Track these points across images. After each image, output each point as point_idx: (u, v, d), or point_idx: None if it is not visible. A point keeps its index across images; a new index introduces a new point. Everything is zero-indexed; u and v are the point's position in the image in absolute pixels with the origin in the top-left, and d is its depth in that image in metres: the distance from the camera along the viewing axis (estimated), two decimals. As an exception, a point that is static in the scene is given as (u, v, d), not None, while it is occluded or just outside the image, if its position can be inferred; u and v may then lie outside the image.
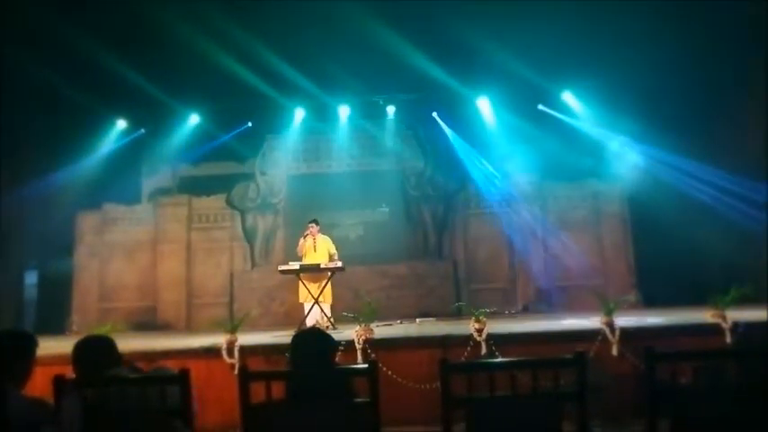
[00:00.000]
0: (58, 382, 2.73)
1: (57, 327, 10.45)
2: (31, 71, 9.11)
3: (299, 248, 8.65)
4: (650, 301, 10.00)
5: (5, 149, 9.64)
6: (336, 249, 8.72)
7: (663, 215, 9.83)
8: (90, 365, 2.93)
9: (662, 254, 10.07)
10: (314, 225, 8.67)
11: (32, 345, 2.92)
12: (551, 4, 8.69)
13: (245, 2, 9.03)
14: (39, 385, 3.04)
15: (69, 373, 2.92)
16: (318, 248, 8.57)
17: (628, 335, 5.54)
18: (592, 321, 5.82)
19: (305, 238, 8.60)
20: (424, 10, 9.05)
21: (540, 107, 11.51)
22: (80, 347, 3.01)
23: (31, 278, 11.43)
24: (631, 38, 9.15)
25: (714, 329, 5.51)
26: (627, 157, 10.87)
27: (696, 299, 7.77)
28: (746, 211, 9.23)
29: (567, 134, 11.22)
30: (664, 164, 10.24)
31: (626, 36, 9.16)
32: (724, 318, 5.52)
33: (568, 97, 11.36)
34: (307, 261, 8.50)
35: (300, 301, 8.54)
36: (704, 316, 5.76)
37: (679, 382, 2.64)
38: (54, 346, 5.34)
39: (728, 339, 5.36)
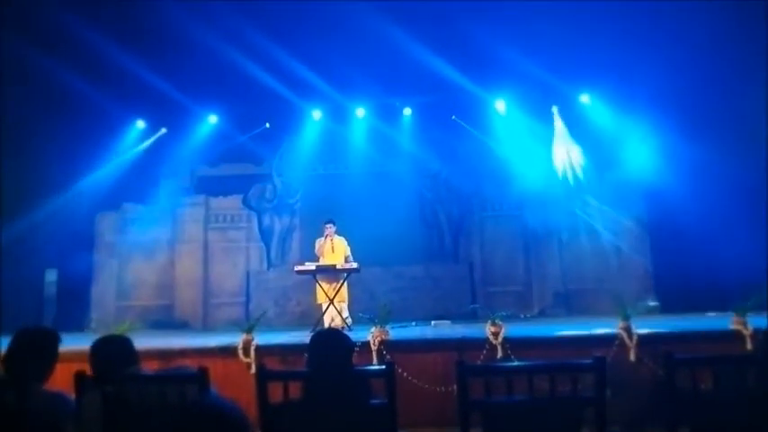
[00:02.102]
0: (79, 378, 2.76)
1: (76, 324, 10.58)
2: (51, 73, 9.24)
3: (317, 249, 8.68)
4: (667, 306, 9.89)
5: (27, 150, 9.79)
6: (351, 251, 8.76)
7: (681, 219, 9.72)
8: (106, 365, 2.96)
9: (680, 259, 9.95)
10: (331, 225, 8.70)
11: (55, 342, 2.97)
12: (570, 6, 8.64)
13: (263, 5, 9.08)
14: (59, 381, 3.08)
15: (89, 369, 2.95)
16: (336, 249, 8.61)
17: (645, 340, 5.48)
18: (609, 326, 5.76)
19: (325, 238, 8.63)
20: (441, 12, 9.05)
21: (554, 110, 11.42)
22: (97, 347, 3.05)
23: (51, 276, 11.58)
24: (652, 41, 9.09)
25: (734, 336, 5.42)
26: (645, 160, 10.75)
27: (714, 305, 7.70)
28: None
29: (583, 137, 11.15)
30: (683, 167, 10.11)
31: (646, 39, 9.10)
32: (744, 324, 5.44)
33: (586, 100, 11.27)
34: (325, 261, 8.52)
35: (318, 301, 8.55)
36: (724, 322, 5.69)
37: (699, 388, 2.61)
38: (73, 343, 5.39)
39: (749, 346, 5.28)
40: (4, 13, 8.54)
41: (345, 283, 8.46)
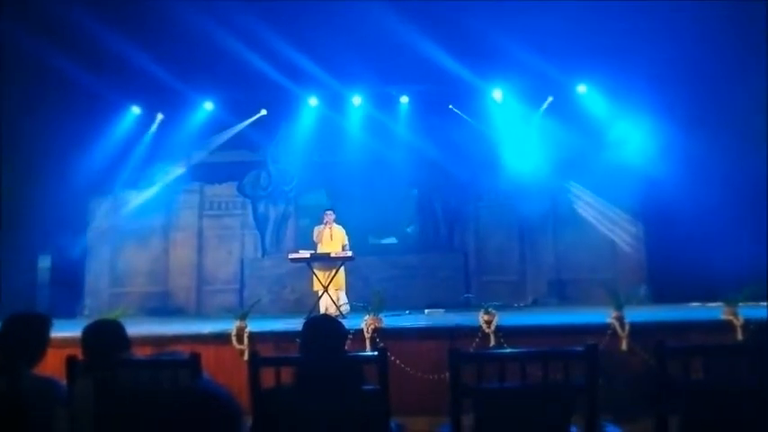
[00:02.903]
0: (71, 363, 2.75)
1: (69, 310, 10.55)
2: (46, 58, 9.17)
3: (316, 236, 8.68)
4: (660, 296, 9.93)
5: (21, 134, 9.73)
6: (348, 239, 8.77)
7: (676, 209, 9.74)
8: (98, 349, 2.95)
9: (674, 249, 9.98)
10: (331, 213, 8.71)
11: (46, 326, 2.96)
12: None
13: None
14: (50, 367, 3.07)
15: (81, 355, 2.94)
16: (334, 237, 8.62)
17: (638, 329, 5.51)
18: (601, 315, 5.79)
19: (324, 226, 8.63)
20: (439, 1, 9.00)
21: (550, 99, 11.36)
22: (88, 332, 3.03)
23: (44, 262, 11.54)
24: (649, 31, 9.06)
25: (725, 326, 5.46)
26: (641, 150, 10.74)
27: (707, 295, 7.74)
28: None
29: (580, 127, 11.12)
30: (678, 157, 10.11)
31: (643, 29, 9.07)
32: (736, 315, 5.48)
33: (583, 90, 11.22)
34: (323, 249, 8.52)
35: (315, 289, 8.55)
36: (716, 312, 5.72)
37: (690, 377, 2.62)
38: (66, 330, 5.38)
39: (740, 336, 5.31)
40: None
41: (343, 271, 8.47)
